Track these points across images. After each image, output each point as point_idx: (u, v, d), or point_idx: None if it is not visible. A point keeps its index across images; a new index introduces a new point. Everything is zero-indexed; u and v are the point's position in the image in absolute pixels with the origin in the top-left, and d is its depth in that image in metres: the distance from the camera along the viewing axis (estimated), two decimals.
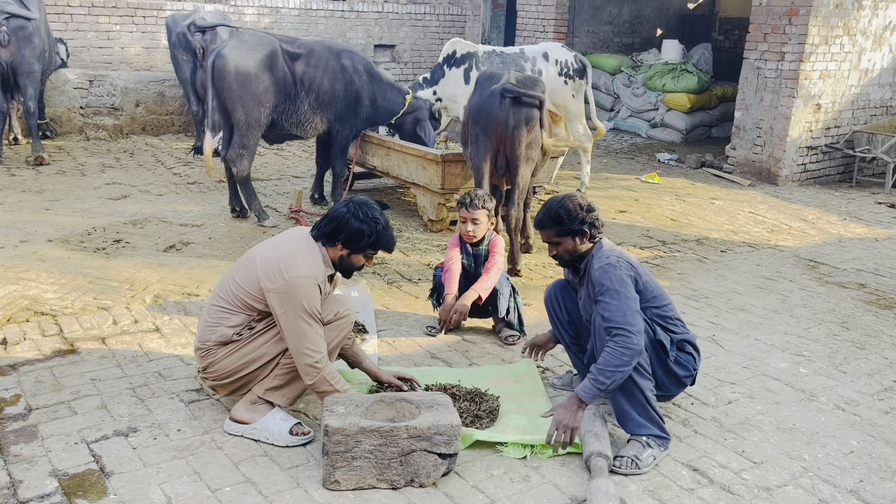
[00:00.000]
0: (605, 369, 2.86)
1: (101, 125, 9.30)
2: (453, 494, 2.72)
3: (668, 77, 10.75)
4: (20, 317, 4.07)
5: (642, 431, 2.97)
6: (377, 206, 3.14)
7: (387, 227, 3.09)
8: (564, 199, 3.19)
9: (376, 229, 3.04)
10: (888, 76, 8.96)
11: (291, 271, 2.91)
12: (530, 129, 5.02)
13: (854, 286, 5.26)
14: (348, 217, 3.02)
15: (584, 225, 3.13)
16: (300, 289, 2.88)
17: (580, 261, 3.21)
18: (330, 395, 2.95)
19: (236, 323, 3.03)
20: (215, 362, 3.04)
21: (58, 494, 2.63)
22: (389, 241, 3.12)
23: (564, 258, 3.22)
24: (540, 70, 6.98)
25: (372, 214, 3.05)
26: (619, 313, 2.91)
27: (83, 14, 10.28)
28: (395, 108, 6.33)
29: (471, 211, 4.11)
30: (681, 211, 7.16)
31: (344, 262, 3.10)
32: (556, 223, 3.15)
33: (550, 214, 3.17)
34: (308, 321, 2.90)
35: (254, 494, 2.67)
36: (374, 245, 3.07)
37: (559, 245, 3.19)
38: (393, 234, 3.15)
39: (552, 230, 3.17)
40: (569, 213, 3.14)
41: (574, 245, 3.16)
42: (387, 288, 4.82)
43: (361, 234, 3.02)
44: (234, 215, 6.17)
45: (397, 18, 12.94)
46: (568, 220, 3.13)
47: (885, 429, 3.34)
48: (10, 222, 5.72)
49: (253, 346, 3.03)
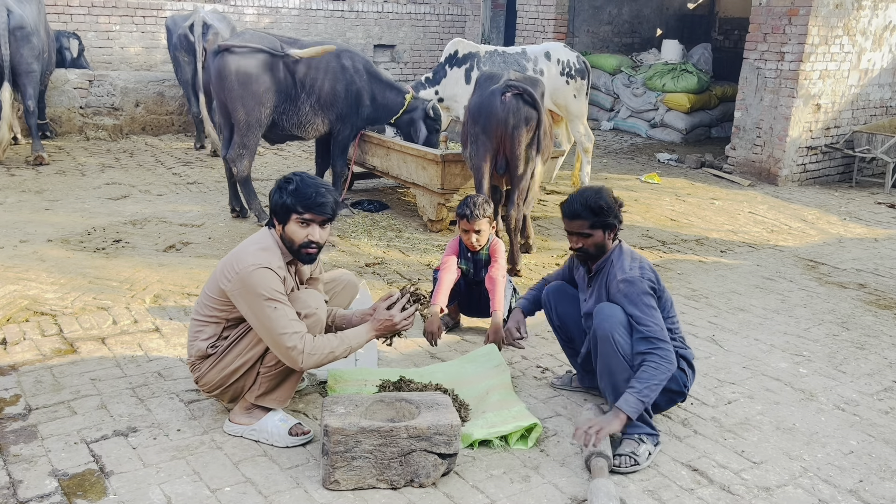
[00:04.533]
0: (650, 384, 2.85)
1: (101, 125, 9.30)
2: (453, 494, 2.72)
3: (668, 77, 10.76)
4: (20, 317, 4.07)
5: (634, 430, 2.98)
6: (304, 174, 2.96)
7: (302, 188, 2.87)
8: (602, 191, 3.10)
9: (288, 191, 2.87)
10: (888, 76, 8.96)
11: (240, 264, 2.85)
12: (530, 130, 5.02)
13: (854, 286, 5.26)
14: (272, 192, 2.95)
15: (617, 220, 3.08)
16: (252, 276, 2.80)
17: (600, 258, 3.14)
18: (335, 359, 2.91)
19: (209, 335, 3.00)
20: (202, 376, 3.03)
21: (57, 494, 2.63)
22: (308, 199, 2.86)
23: (590, 252, 3.12)
24: (542, 70, 6.98)
25: (286, 179, 2.92)
26: (655, 328, 2.91)
27: (83, 14, 10.29)
28: (394, 107, 6.33)
29: (472, 223, 4.00)
30: (681, 211, 7.16)
31: (286, 242, 2.94)
32: (595, 214, 3.04)
33: (589, 204, 3.05)
34: (271, 305, 2.80)
35: (254, 494, 2.67)
36: (292, 209, 2.87)
37: (589, 237, 3.08)
38: (317, 192, 2.88)
39: (588, 220, 3.06)
40: (608, 204, 3.06)
41: (603, 239, 3.09)
42: (387, 288, 4.82)
43: (277, 203, 2.89)
44: (234, 215, 6.17)
45: (397, 18, 12.94)
46: (607, 211, 3.05)
47: (885, 429, 3.34)
48: (9, 222, 5.72)
49: (230, 357, 2.97)
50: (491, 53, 6.96)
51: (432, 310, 3.90)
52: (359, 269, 5.11)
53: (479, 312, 4.22)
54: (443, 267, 4.07)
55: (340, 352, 2.92)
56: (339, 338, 2.95)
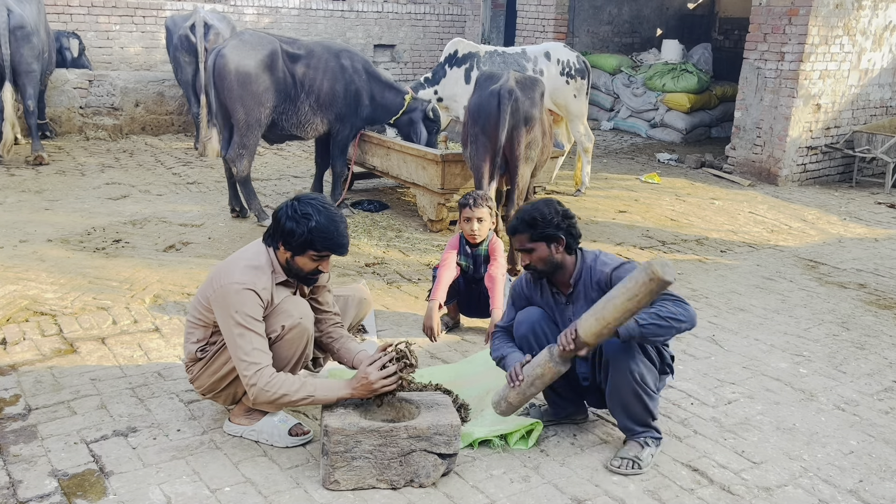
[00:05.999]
0: (658, 318, 2.69)
1: (101, 125, 9.30)
2: (453, 494, 2.72)
3: (668, 77, 10.76)
4: (20, 317, 4.07)
5: (640, 433, 2.96)
6: (322, 201, 2.81)
7: (325, 226, 2.75)
8: (539, 203, 3.00)
9: (308, 227, 2.74)
10: (888, 76, 8.96)
11: (225, 278, 2.79)
12: (530, 129, 5.02)
13: (854, 286, 5.26)
14: (281, 216, 2.79)
15: (560, 231, 2.91)
16: (229, 295, 2.74)
17: (555, 273, 2.99)
18: (290, 404, 2.77)
19: (198, 338, 2.97)
20: (195, 379, 3.02)
21: (57, 494, 2.62)
22: (329, 240, 2.77)
23: (538, 268, 2.97)
24: (542, 70, 6.98)
25: (304, 211, 2.75)
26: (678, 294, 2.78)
27: (83, 14, 10.28)
28: (394, 107, 6.33)
29: (474, 209, 4.04)
30: (681, 211, 7.16)
31: (291, 267, 2.85)
32: (531, 226, 2.92)
33: (523, 217, 2.96)
34: (238, 331, 2.73)
35: (253, 494, 2.67)
36: (309, 245, 2.77)
37: (532, 252, 2.94)
38: (338, 232, 2.78)
39: (525, 234, 2.94)
40: (543, 216, 2.93)
41: (549, 253, 2.93)
42: (386, 288, 4.82)
43: (293, 234, 2.75)
44: (234, 215, 6.17)
45: (397, 18, 12.94)
46: (542, 223, 2.91)
47: (885, 429, 3.34)
48: (9, 222, 5.72)
49: (219, 363, 2.93)
50: (491, 53, 6.96)
51: (431, 305, 3.93)
52: (359, 269, 5.11)
53: (478, 312, 4.22)
54: (442, 264, 4.09)
55: (297, 398, 2.75)
56: (306, 385, 2.76)
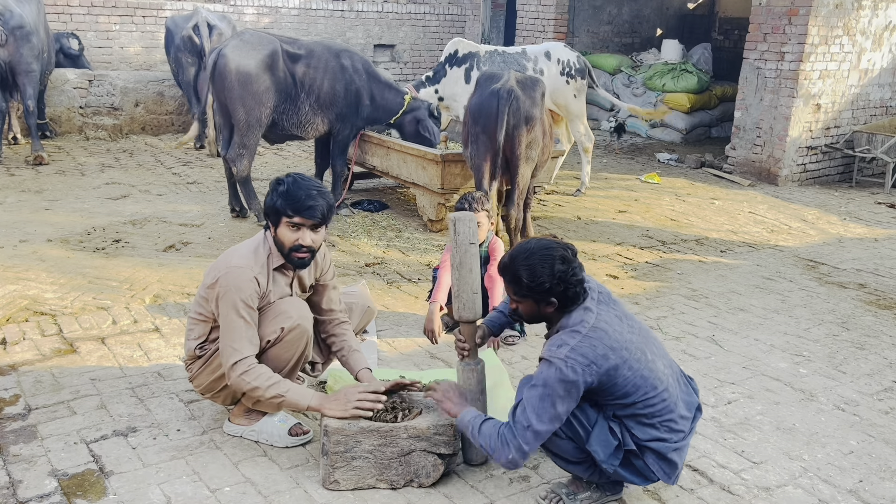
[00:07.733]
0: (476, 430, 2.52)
1: (101, 125, 9.30)
2: (452, 495, 2.72)
3: (668, 77, 10.76)
4: (19, 317, 4.07)
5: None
6: (296, 174, 2.85)
7: (292, 190, 2.76)
8: (535, 257, 2.46)
9: (277, 192, 2.78)
10: (888, 76, 8.96)
11: (223, 262, 2.85)
12: (530, 129, 5.02)
13: (854, 286, 5.26)
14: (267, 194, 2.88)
15: (552, 295, 2.45)
16: (227, 277, 2.77)
17: (541, 322, 2.64)
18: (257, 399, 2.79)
19: (197, 335, 2.97)
20: (194, 377, 3.02)
21: (57, 494, 2.62)
22: (296, 202, 2.75)
23: (523, 316, 2.62)
24: (542, 70, 6.98)
25: (277, 181, 2.82)
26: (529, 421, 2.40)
27: (83, 14, 10.28)
28: (394, 107, 6.33)
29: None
30: (681, 211, 7.16)
31: (278, 244, 2.85)
32: (516, 283, 2.49)
33: (511, 269, 2.49)
34: (232, 316, 2.75)
35: (253, 494, 2.67)
36: (282, 211, 2.77)
37: (520, 303, 2.57)
38: (306, 194, 2.75)
39: (509, 287, 2.55)
40: (532, 278, 2.44)
41: (537, 310, 2.54)
42: (386, 288, 4.82)
43: (268, 206, 2.82)
44: (234, 215, 6.17)
45: (397, 18, 12.94)
46: (528, 285, 2.46)
47: (885, 429, 3.34)
48: (9, 222, 5.72)
49: (218, 362, 2.89)
50: (491, 53, 6.96)
51: (432, 307, 3.93)
52: (359, 269, 5.11)
53: None
54: (442, 266, 4.08)
55: (268, 395, 2.74)
56: (279, 385, 2.75)
